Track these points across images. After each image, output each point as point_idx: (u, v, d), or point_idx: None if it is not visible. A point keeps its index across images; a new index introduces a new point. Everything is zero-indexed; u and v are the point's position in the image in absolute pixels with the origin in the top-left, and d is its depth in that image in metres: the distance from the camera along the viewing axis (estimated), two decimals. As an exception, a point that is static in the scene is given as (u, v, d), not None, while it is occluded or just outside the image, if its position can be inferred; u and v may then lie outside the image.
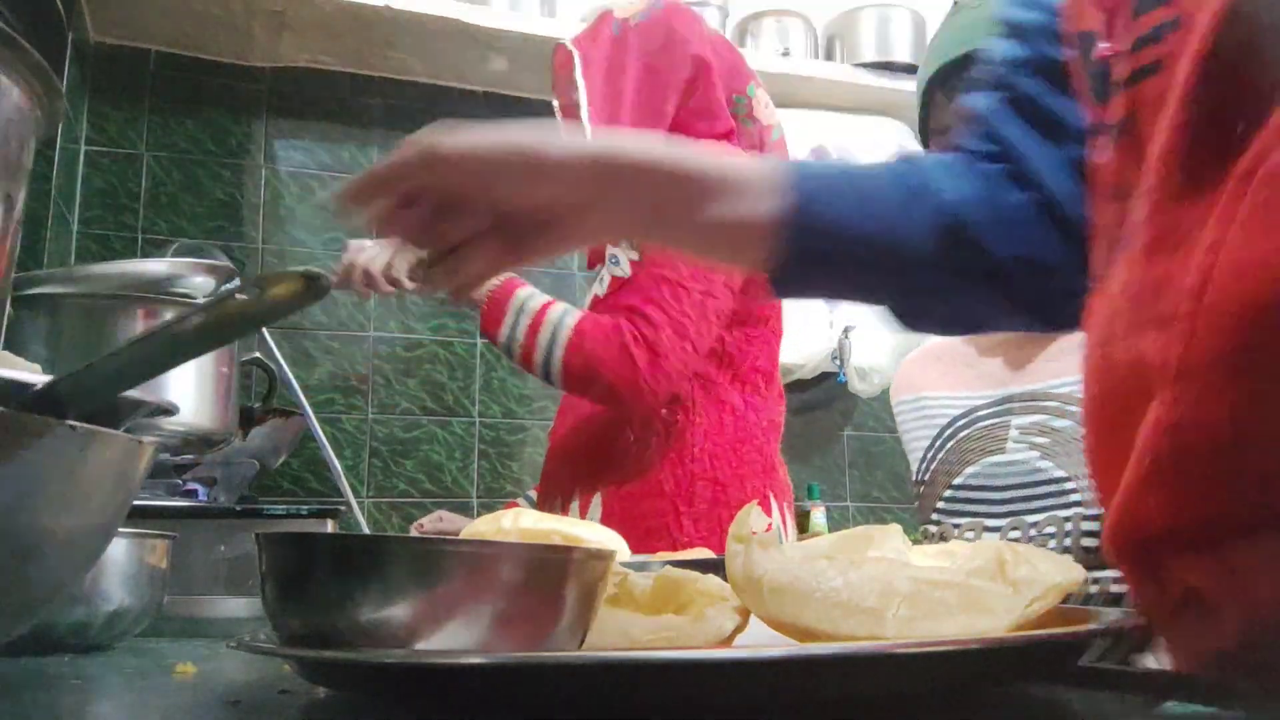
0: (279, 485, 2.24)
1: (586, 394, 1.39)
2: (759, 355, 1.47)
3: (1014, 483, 0.83)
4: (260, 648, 0.43)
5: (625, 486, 1.40)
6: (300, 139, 2.48)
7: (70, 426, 0.43)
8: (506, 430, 2.50)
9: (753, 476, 1.42)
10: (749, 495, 1.40)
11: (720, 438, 1.42)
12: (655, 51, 1.48)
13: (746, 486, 1.41)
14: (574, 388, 1.39)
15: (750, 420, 1.45)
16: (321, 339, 2.38)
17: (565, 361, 1.36)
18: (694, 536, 1.33)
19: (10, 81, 0.52)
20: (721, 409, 1.44)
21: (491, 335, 1.42)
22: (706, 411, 1.43)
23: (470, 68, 2.49)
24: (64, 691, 0.48)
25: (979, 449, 0.88)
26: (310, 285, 0.45)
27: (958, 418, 0.92)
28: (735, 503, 1.39)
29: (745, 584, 0.48)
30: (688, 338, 1.36)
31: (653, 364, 1.33)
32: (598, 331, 1.36)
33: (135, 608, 0.73)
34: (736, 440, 1.42)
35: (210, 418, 1.18)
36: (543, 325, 1.38)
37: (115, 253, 2.26)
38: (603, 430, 1.44)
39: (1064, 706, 0.45)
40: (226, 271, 1.20)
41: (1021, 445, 0.84)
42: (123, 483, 0.48)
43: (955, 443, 0.91)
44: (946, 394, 0.96)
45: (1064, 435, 0.82)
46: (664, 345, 1.34)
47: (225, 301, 0.45)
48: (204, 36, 2.35)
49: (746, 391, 1.46)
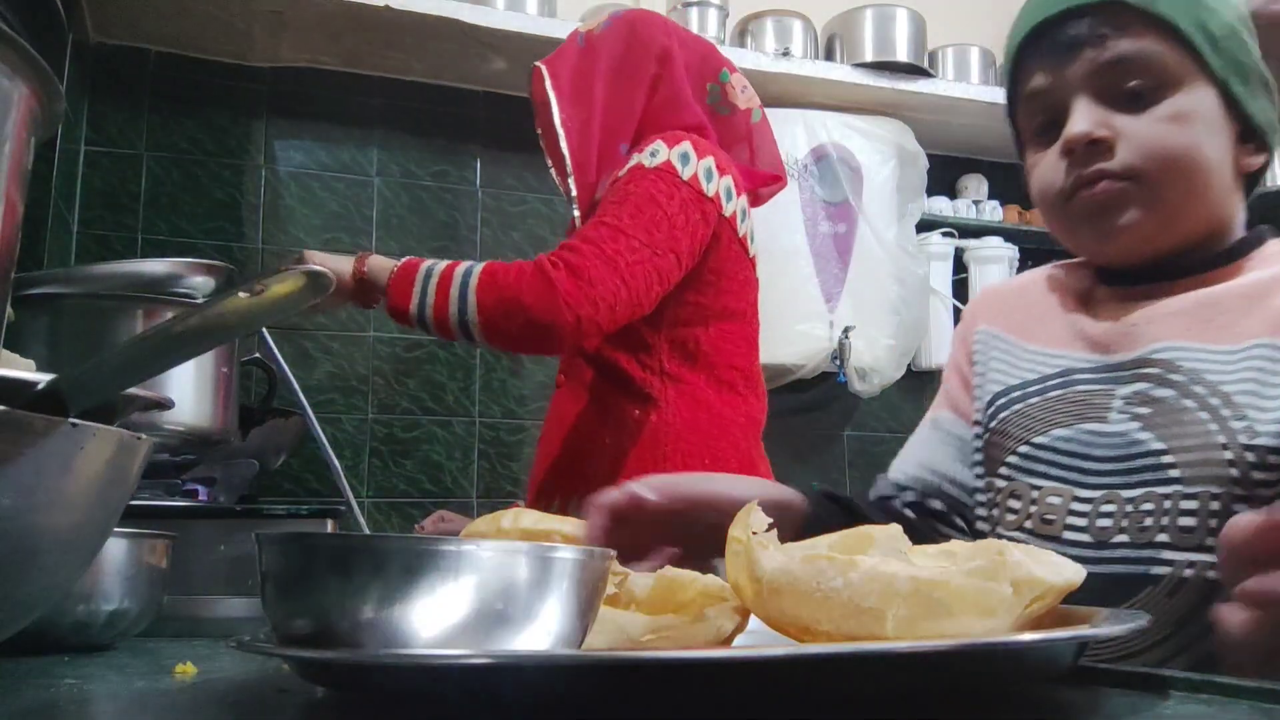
0: (279, 485, 2.24)
1: (507, 333, 1.31)
2: (735, 352, 1.46)
3: (1113, 454, 0.77)
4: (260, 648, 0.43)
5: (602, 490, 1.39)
6: (300, 139, 2.48)
7: (72, 424, 0.43)
8: (506, 430, 2.50)
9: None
10: None
11: (695, 437, 1.40)
12: (619, 55, 1.51)
13: None
14: (492, 329, 1.31)
15: (726, 418, 1.43)
16: (321, 339, 2.38)
17: (479, 303, 1.29)
18: None
19: (10, 82, 0.52)
20: (696, 408, 1.43)
21: (401, 311, 1.35)
22: (680, 411, 1.42)
23: (470, 68, 2.49)
24: (64, 691, 0.48)
25: (1074, 413, 0.82)
26: (311, 284, 0.44)
27: (1051, 376, 0.86)
28: None
29: (745, 584, 0.48)
30: (618, 272, 1.29)
31: (575, 285, 1.26)
32: (509, 266, 1.31)
33: (135, 608, 0.73)
34: (711, 439, 1.41)
35: (210, 418, 1.18)
36: (451, 279, 1.32)
37: (115, 253, 2.26)
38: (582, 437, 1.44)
39: (1066, 706, 0.45)
40: (226, 271, 1.20)
41: (1124, 416, 0.77)
42: (121, 479, 0.48)
43: (1043, 400, 0.85)
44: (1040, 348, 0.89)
45: (1165, 406, 0.76)
46: (588, 271, 1.27)
47: (226, 300, 0.45)
48: (204, 36, 2.35)
49: (723, 390, 1.45)
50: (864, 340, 2.55)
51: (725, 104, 1.55)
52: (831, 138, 2.62)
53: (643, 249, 1.31)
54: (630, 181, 1.37)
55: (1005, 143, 1.00)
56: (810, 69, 2.60)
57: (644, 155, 1.39)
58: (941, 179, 2.91)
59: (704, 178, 1.40)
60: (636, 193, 1.35)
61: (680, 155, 1.39)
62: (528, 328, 1.28)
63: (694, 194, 1.38)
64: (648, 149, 1.40)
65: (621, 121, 1.49)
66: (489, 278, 1.31)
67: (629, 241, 1.31)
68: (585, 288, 1.26)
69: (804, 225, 2.58)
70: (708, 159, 1.41)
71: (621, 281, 1.29)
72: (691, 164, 1.39)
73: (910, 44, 2.67)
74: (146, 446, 0.49)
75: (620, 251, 1.30)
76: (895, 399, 2.82)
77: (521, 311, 1.28)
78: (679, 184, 1.37)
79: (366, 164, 2.51)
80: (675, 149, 1.39)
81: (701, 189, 1.39)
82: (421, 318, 1.34)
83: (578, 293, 1.26)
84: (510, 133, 2.55)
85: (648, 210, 1.34)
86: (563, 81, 1.50)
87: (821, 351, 2.54)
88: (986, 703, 0.43)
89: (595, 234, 1.31)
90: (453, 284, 1.32)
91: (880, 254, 2.61)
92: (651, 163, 1.38)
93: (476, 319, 1.30)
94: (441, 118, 2.58)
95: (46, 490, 0.42)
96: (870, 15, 2.68)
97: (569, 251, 1.30)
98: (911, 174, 2.70)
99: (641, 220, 1.32)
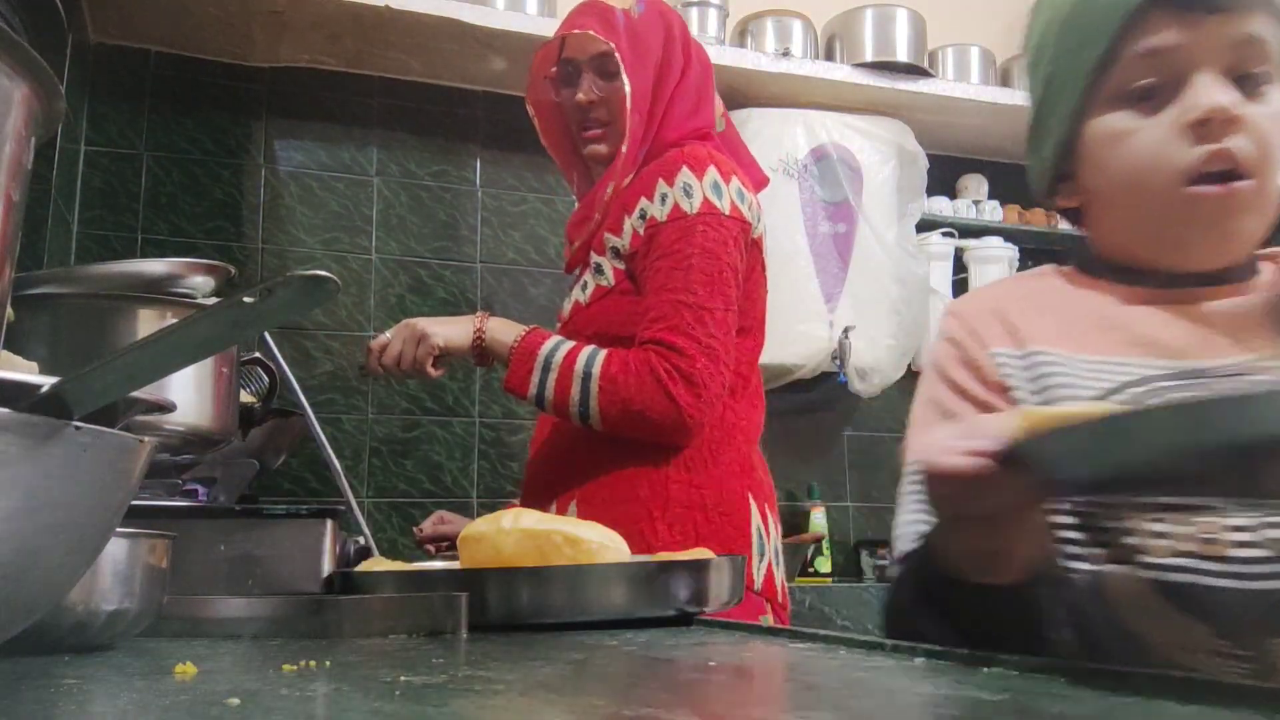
0: (279, 485, 2.24)
1: (629, 434, 1.36)
2: (741, 362, 1.46)
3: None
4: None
5: (600, 492, 1.39)
6: (300, 139, 2.48)
7: (75, 428, 0.43)
8: (506, 430, 2.50)
9: (729, 479, 1.41)
10: (725, 497, 1.39)
11: (698, 443, 1.40)
12: (658, 48, 1.51)
13: (723, 489, 1.39)
14: (618, 434, 1.36)
15: (728, 422, 1.43)
16: (321, 339, 2.38)
17: (602, 413, 1.34)
18: (669, 541, 1.32)
19: (10, 82, 0.52)
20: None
21: (519, 394, 1.39)
22: None
23: (470, 68, 2.49)
24: (64, 691, 0.48)
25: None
26: (316, 288, 0.44)
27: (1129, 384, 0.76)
28: (711, 505, 1.38)
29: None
30: (719, 360, 1.34)
31: (693, 396, 1.31)
32: (629, 376, 1.33)
33: (135, 608, 0.73)
34: (714, 444, 1.41)
35: (210, 418, 1.18)
36: (572, 380, 1.35)
37: (115, 253, 2.26)
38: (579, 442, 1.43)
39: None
40: (226, 271, 1.20)
41: None
42: (122, 481, 0.48)
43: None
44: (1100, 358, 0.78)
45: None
46: (700, 375, 1.32)
47: (232, 304, 0.44)
48: (204, 37, 2.35)
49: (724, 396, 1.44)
50: (864, 340, 2.55)
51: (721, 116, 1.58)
52: (831, 138, 2.62)
53: (724, 315, 1.35)
54: (681, 239, 1.36)
55: (1005, 143, 0.98)
56: (810, 69, 2.60)
57: (677, 191, 1.38)
58: (941, 179, 2.91)
59: (739, 202, 1.41)
60: (695, 251, 1.35)
61: (712, 186, 1.39)
62: (651, 435, 1.35)
63: (739, 226, 1.39)
64: (679, 182, 1.39)
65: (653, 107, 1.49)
66: (609, 385, 1.33)
67: (713, 316, 1.34)
68: (702, 393, 1.32)
69: (804, 225, 2.58)
70: (734, 180, 1.41)
71: (723, 365, 1.35)
72: (724, 193, 1.39)
73: (910, 44, 2.67)
74: (148, 449, 0.49)
75: (714, 335, 1.33)
76: (895, 399, 2.82)
77: (646, 425, 1.33)
78: (725, 222, 1.38)
79: (366, 164, 2.51)
80: (705, 179, 1.39)
81: (743, 217, 1.40)
82: (540, 404, 1.39)
83: (698, 402, 1.32)
84: (510, 133, 2.55)
85: (713, 270, 1.35)
86: (619, 38, 1.46)
87: (821, 351, 2.54)
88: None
89: (682, 321, 1.32)
90: (573, 384, 1.35)
91: (880, 254, 2.61)
92: (692, 208, 1.37)
93: (600, 425, 1.36)
94: (441, 118, 2.58)
95: (49, 492, 0.42)
96: (870, 15, 2.68)
97: (676, 355, 1.32)
98: (911, 174, 2.70)
99: (714, 284, 1.34)
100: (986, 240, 2.89)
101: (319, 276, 0.44)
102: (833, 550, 2.68)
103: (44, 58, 0.53)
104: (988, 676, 0.51)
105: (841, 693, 0.49)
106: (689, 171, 1.39)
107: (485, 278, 2.56)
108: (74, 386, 0.46)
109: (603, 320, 1.43)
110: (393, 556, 1.65)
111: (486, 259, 2.57)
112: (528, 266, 2.60)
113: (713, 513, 1.38)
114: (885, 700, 0.48)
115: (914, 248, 2.70)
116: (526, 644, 0.68)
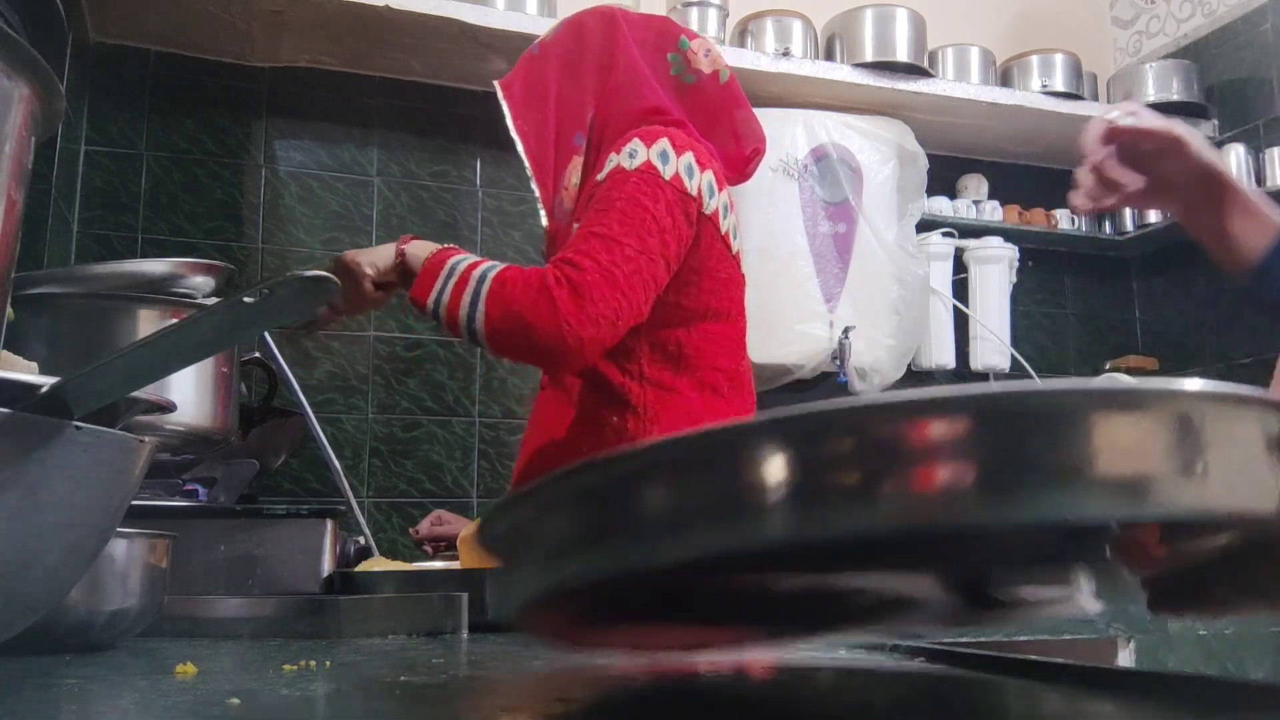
0: (279, 485, 2.24)
1: (511, 347, 1.32)
2: (719, 353, 1.43)
3: None
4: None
5: None
6: (300, 139, 2.48)
7: (76, 428, 0.43)
8: (506, 430, 2.50)
9: None
10: None
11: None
12: (569, 51, 1.50)
13: None
14: (497, 341, 1.31)
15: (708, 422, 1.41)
16: (321, 339, 2.38)
17: (486, 312, 1.29)
18: None
19: (10, 81, 0.52)
20: (677, 414, 1.39)
21: (420, 302, 1.35)
22: (661, 418, 1.39)
23: (470, 68, 2.49)
24: (64, 691, 0.48)
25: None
26: (316, 288, 0.44)
27: None
28: None
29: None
30: (618, 286, 1.27)
31: (576, 306, 1.25)
32: (519, 277, 1.30)
33: (135, 608, 0.73)
34: None
35: (210, 418, 1.18)
36: (468, 281, 1.32)
37: (115, 253, 2.26)
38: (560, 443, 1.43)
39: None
40: (226, 271, 1.20)
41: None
42: (123, 481, 0.48)
43: None
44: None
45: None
46: (590, 289, 1.26)
47: (232, 305, 0.44)
48: (204, 36, 2.34)
49: (706, 393, 1.42)
50: (864, 340, 2.55)
51: (690, 71, 1.51)
52: (831, 138, 2.62)
53: (638, 257, 1.29)
54: (613, 187, 1.34)
55: (1005, 143, 0.99)
56: (810, 69, 2.60)
57: (623, 156, 1.36)
58: (941, 179, 2.91)
59: (685, 175, 1.37)
60: (622, 198, 1.33)
61: (659, 154, 1.36)
62: (531, 347, 1.28)
63: (677, 194, 1.35)
64: (625, 149, 1.37)
65: (574, 112, 1.47)
66: (498, 287, 1.29)
67: (623, 251, 1.28)
68: (587, 305, 1.25)
69: (804, 225, 2.57)
70: (687, 154, 1.38)
71: (621, 294, 1.27)
72: (672, 162, 1.36)
73: (910, 44, 2.67)
74: (148, 449, 0.49)
75: (616, 262, 1.28)
76: (895, 399, 2.82)
77: (525, 330, 1.26)
78: (662, 185, 1.34)
79: (366, 164, 2.51)
80: (654, 147, 1.36)
81: (684, 187, 1.36)
82: (436, 314, 1.34)
83: (579, 313, 1.25)
84: (510, 133, 2.54)
85: (635, 215, 1.31)
86: (515, 91, 1.50)
87: (821, 351, 2.54)
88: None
89: (590, 246, 1.29)
90: (468, 286, 1.31)
91: (880, 254, 2.61)
92: (631, 164, 1.35)
93: (483, 329, 1.30)
94: (441, 118, 2.58)
95: (50, 492, 0.42)
96: (870, 15, 2.68)
97: (570, 267, 1.27)
98: (911, 174, 2.70)
99: (632, 227, 1.30)
100: (986, 240, 2.89)
101: (319, 276, 0.44)
102: (833, 550, 2.68)
103: (44, 58, 0.53)
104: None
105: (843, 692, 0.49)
106: (638, 140, 1.37)
107: (485, 278, 2.56)
108: (74, 386, 0.46)
109: None
110: (393, 556, 1.65)
111: (488, 258, 2.56)
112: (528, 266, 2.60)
113: None
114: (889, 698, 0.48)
115: (914, 248, 2.70)
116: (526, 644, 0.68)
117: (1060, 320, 3.11)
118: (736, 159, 1.53)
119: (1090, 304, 3.14)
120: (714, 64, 1.53)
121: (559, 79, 1.49)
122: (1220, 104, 2.96)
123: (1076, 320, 3.12)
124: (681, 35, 1.53)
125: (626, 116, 1.44)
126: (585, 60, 1.48)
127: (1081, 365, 3.08)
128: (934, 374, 2.88)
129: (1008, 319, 2.91)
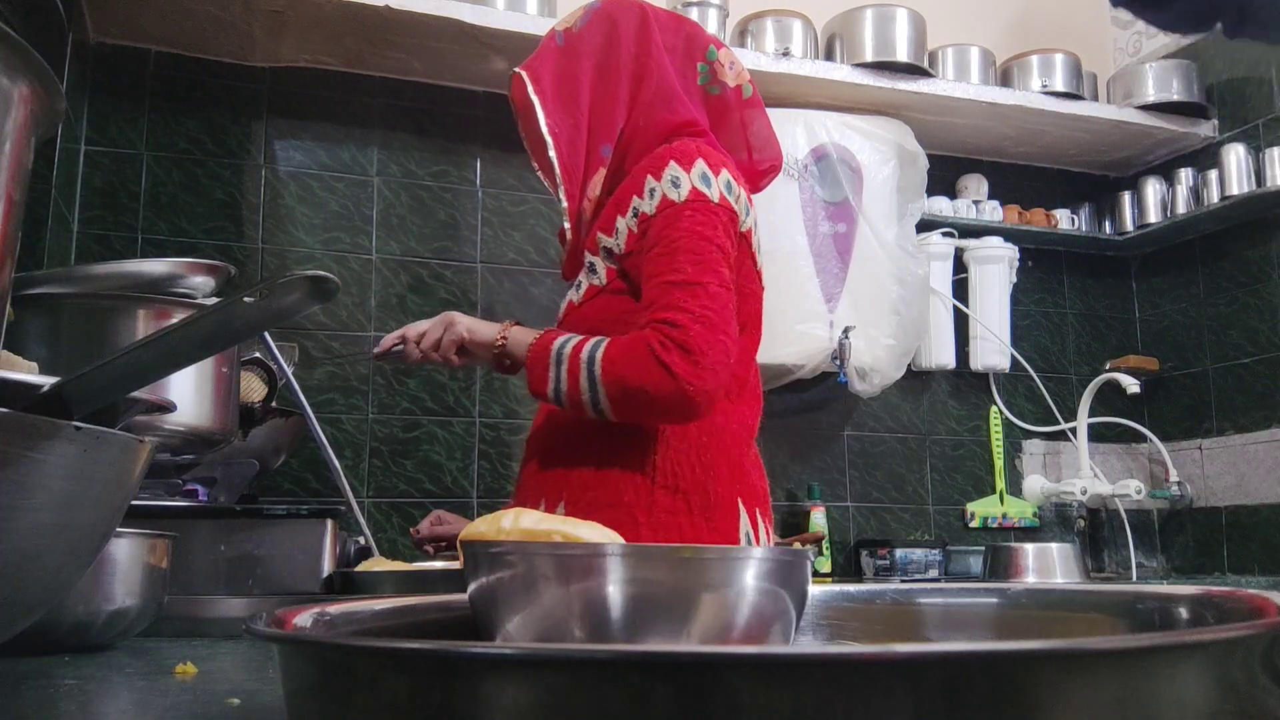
0: (279, 485, 2.24)
1: (642, 417, 1.35)
2: (736, 362, 1.42)
3: None
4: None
5: (585, 495, 1.38)
6: (300, 139, 2.48)
7: (76, 428, 0.43)
8: (506, 430, 2.50)
9: (718, 483, 1.39)
10: (714, 502, 1.38)
11: (684, 446, 1.39)
12: (601, 51, 1.49)
13: (710, 493, 1.38)
14: (626, 417, 1.35)
15: (719, 425, 1.42)
16: (321, 339, 2.38)
17: (608, 395, 1.32)
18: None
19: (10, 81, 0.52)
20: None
21: (541, 394, 1.39)
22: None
23: (470, 68, 2.49)
24: (64, 691, 0.48)
25: None
26: (316, 288, 0.44)
27: None
28: (697, 510, 1.37)
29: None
30: (717, 329, 1.30)
31: (690, 364, 1.28)
32: (625, 355, 1.31)
33: (135, 608, 0.73)
34: (701, 447, 1.40)
35: (210, 418, 1.18)
36: (579, 367, 1.34)
37: (115, 253, 2.26)
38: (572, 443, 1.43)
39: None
40: (226, 271, 1.20)
41: None
42: (123, 482, 0.48)
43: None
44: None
45: None
46: (695, 342, 1.29)
47: (233, 305, 0.44)
48: (204, 36, 2.35)
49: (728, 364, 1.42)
50: (864, 340, 2.55)
51: (716, 83, 1.53)
52: (831, 138, 2.62)
53: (721, 292, 1.33)
54: (667, 225, 1.36)
55: (1005, 143, 0.99)
56: (810, 69, 2.60)
57: (665, 185, 1.38)
58: (941, 179, 2.91)
59: (728, 193, 1.39)
60: (683, 235, 1.34)
61: (701, 177, 1.38)
62: (661, 412, 1.33)
63: (728, 214, 1.38)
64: (665, 175, 1.38)
65: (606, 121, 1.47)
66: (609, 367, 1.32)
67: (707, 290, 1.31)
68: (700, 359, 1.28)
69: (804, 225, 2.58)
70: (724, 173, 1.40)
71: (723, 334, 1.31)
72: (714, 184, 1.38)
73: (910, 44, 2.67)
74: (148, 449, 0.49)
75: (706, 306, 1.31)
76: (895, 399, 2.82)
77: (650, 402, 1.30)
78: (714, 209, 1.36)
79: (366, 164, 2.51)
80: (693, 171, 1.38)
81: (731, 207, 1.39)
82: (559, 402, 1.38)
83: (695, 370, 1.28)
84: (510, 133, 2.53)
85: (702, 251, 1.33)
86: (545, 85, 1.48)
87: (821, 351, 2.54)
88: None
89: (674, 298, 1.31)
90: (581, 371, 1.34)
91: (880, 254, 2.61)
92: (680, 196, 1.36)
93: (610, 411, 1.34)
94: (441, 118, 2.58)
95: (49, 492, 0.42)
96: (870, 15, 2.68)
97: (669, 326, 1.30)
98: (911, 174, 2.70)
99: (704, 264, 1.33)
100: (986, 240, 2.89)
101: (319, 276, 0.44)
102: (833, 550, 2.68)
103: (44, 58, 0.53)
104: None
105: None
106: (676, 165, 1.38)
107: (486, 278, 2.56)
108: (74, 386, 0.46)
109: (595, 319, 1.42)
110: (393, 556, 1.65)
111: (487, 259, 2.57)
112: (528, 267, 2.60)
113: (698, 517, 1.37)
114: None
115: (914, 248, 2.70)
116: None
117: (1060, 320, 3.11)
118: (750, 173, 1.55)
119: (1090, 304, 3.14)
120: (738, 77, 1.56)
121: (592, 82, 1.48)
122: (1220, 104, 2.96)
123: (1076, 320, 3.13)
124: (710, 44, 1.54)
125: (656, 130, 1.45)
126: (620, 65, 1.48)
127: (1081, 365, 3.08)
128: (934, 373, 2.88)
129: (1008, 319, 2.91)
